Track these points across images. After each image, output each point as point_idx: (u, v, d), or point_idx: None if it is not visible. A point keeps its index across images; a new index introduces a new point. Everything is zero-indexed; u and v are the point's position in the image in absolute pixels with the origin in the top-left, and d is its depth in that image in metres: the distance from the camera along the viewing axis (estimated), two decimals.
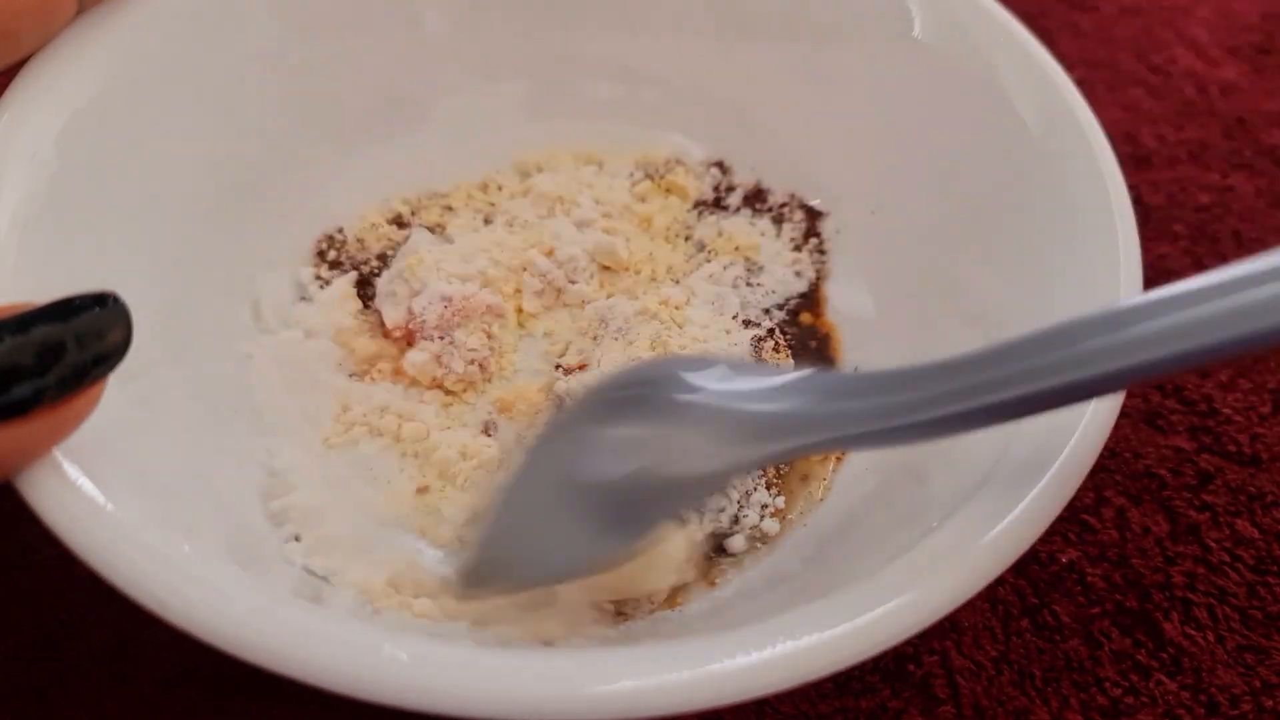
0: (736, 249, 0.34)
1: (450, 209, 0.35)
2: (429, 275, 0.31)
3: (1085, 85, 0.30)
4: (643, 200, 0.35)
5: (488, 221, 0.34)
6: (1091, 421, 0.24)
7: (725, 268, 0.33)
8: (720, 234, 0.34)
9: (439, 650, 0.21)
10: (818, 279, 0.34)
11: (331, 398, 0.30)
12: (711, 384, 0.24)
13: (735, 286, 0.33)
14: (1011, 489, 0.23)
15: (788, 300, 0.33)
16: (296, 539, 0.27)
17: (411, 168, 0.35)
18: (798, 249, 0.34)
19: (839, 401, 0.23)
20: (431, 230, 0.34)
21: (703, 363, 0.25)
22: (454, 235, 0.34)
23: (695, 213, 0.35)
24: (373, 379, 0.31)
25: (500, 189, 0.35)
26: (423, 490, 0.29)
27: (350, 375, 0.31)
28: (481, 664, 0.21)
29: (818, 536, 0.28)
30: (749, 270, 0.33)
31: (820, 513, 0.29)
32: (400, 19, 0.35)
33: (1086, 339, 0.21)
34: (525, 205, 0.34)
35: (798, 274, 0.34)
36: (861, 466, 0.29)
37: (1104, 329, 0.20)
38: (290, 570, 0.26)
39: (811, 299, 0.33)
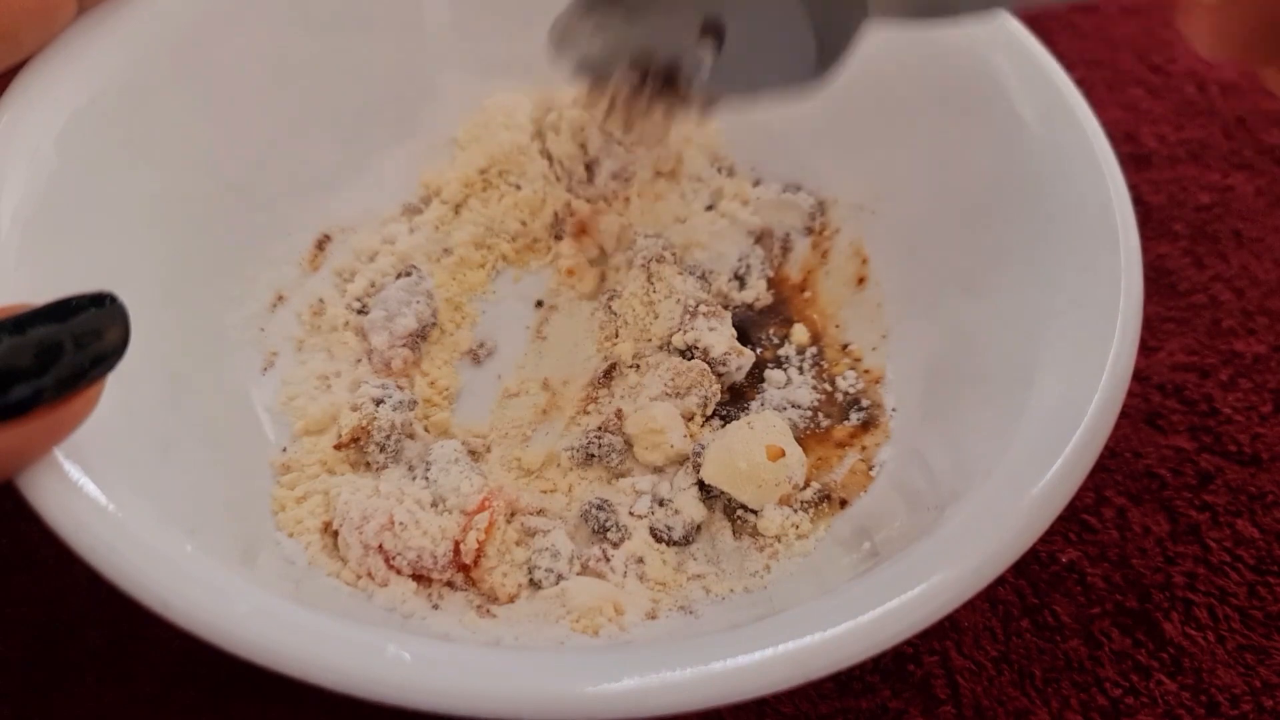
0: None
1: (450, 207, 0.35)
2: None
3: (1085, 85, 0.30)
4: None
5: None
6: (1092, 421, 0.24)
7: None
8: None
9: (443, 650, 0.21)
10: None
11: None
12: None
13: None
14: (1012, 488, 0.23)
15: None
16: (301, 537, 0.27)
17: (412, 168, 0.35)
18: None
19: None
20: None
21: None
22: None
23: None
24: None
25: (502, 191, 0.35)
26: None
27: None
28: (485, 663, 0.21)
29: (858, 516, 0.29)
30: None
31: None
32: (401, 19, 0.35)
33: None
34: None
35: None
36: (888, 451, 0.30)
37: None
38: (293, 569, 0.26)
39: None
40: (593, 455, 0.29)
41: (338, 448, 0.29)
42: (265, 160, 0.33)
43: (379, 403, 0.29)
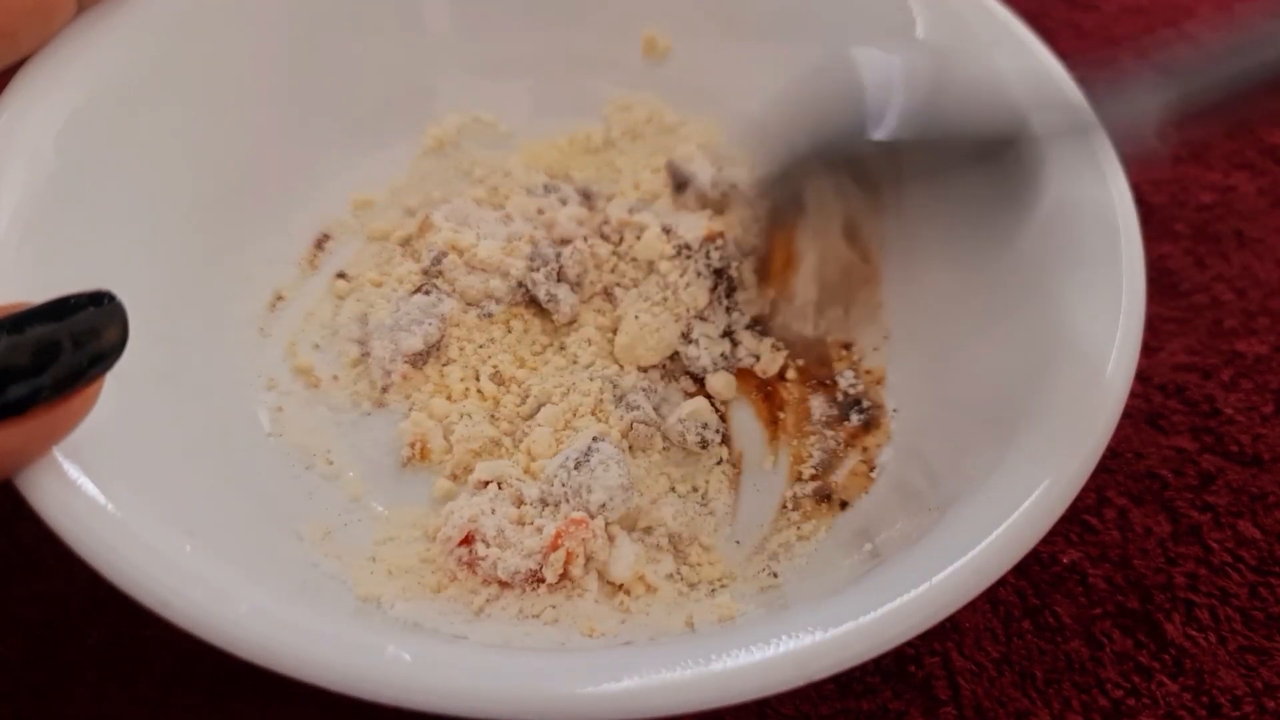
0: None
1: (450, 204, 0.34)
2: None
3: (1087, 84, 0.30)
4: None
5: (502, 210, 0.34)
6: (1095, 422, 0.24)
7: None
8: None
9: (442, 651, 0.21)
10: None
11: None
12: None
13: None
14: (1013, 490, 0.23)
15: None
16: (300, 538, 0.27)
17: (413, 167, 0.35)
18: None
19: None
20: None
21: None
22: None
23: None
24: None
25: (505, 191, 0.35)
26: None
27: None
28: (485, 664, 0.21)
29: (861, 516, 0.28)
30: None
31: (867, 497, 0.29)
32: (402, 18, 0.35)
33: None
34: (528, 203, 0.34)
35: None
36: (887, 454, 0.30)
37: None
38: (294, 570, 0.26)
39: None
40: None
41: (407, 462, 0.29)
42: (265, 160, 0.33)
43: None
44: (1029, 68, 0.31)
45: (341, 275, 0.33)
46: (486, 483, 0.28)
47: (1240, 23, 0.25)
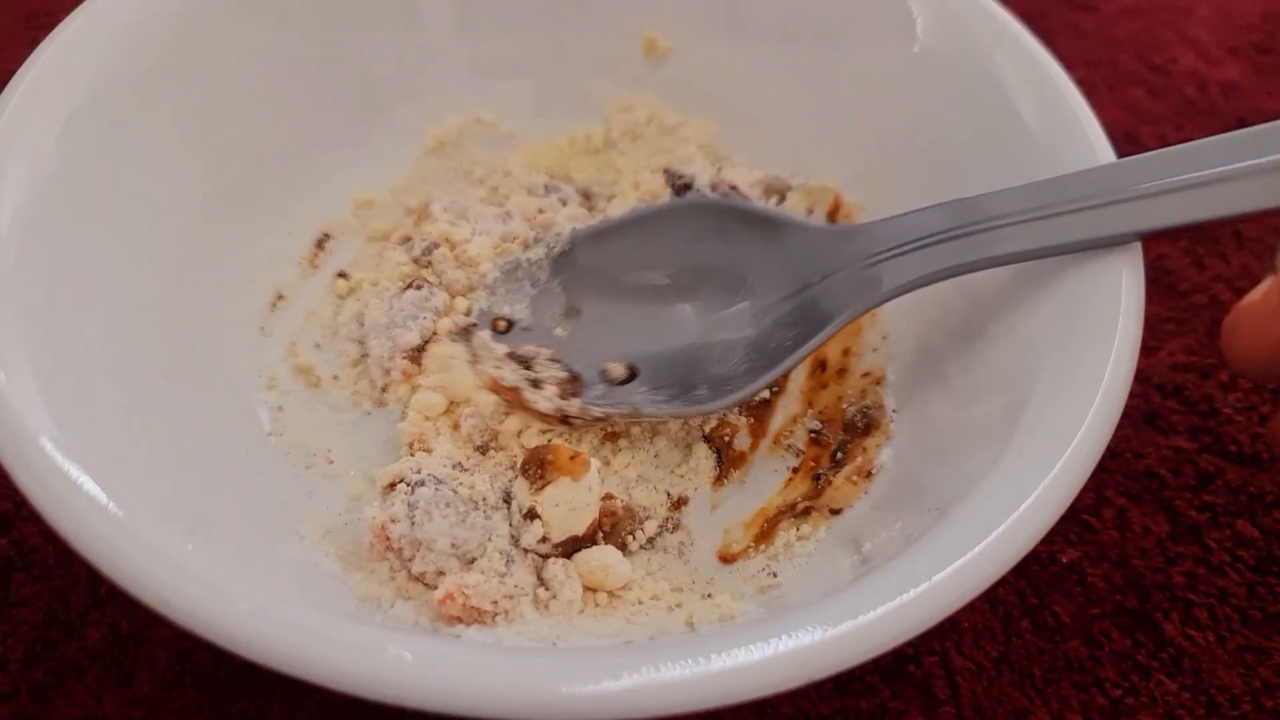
0: None
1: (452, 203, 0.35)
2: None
3: (1086, 85, 0.30)
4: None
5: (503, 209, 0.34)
6: (1093, 422, 0.24)
7: None
8: None
9: (443, 649, 0.21)
10: None
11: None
12: None
13: None
14: (1014, 490, 0.23)
15: None
16: (300, 537, 0.27)
17: (414, 167, 0.35)
18: None
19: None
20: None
21: None
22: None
23: None
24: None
25: (505, 191, 0.35)
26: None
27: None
28: (485, 663, 0.21)
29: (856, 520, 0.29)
30: None
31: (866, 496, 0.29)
32: (402, 18, 0.35)
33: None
34: (529, 202, 0.34)
35: None
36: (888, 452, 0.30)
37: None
38: (295, 569, 0.26)
39: None
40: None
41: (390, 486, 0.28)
42: (266, 159, 0.33)
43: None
44: (1026, 68, 0.31)
45: (342, 275, 0.33)
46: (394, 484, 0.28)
47: None
